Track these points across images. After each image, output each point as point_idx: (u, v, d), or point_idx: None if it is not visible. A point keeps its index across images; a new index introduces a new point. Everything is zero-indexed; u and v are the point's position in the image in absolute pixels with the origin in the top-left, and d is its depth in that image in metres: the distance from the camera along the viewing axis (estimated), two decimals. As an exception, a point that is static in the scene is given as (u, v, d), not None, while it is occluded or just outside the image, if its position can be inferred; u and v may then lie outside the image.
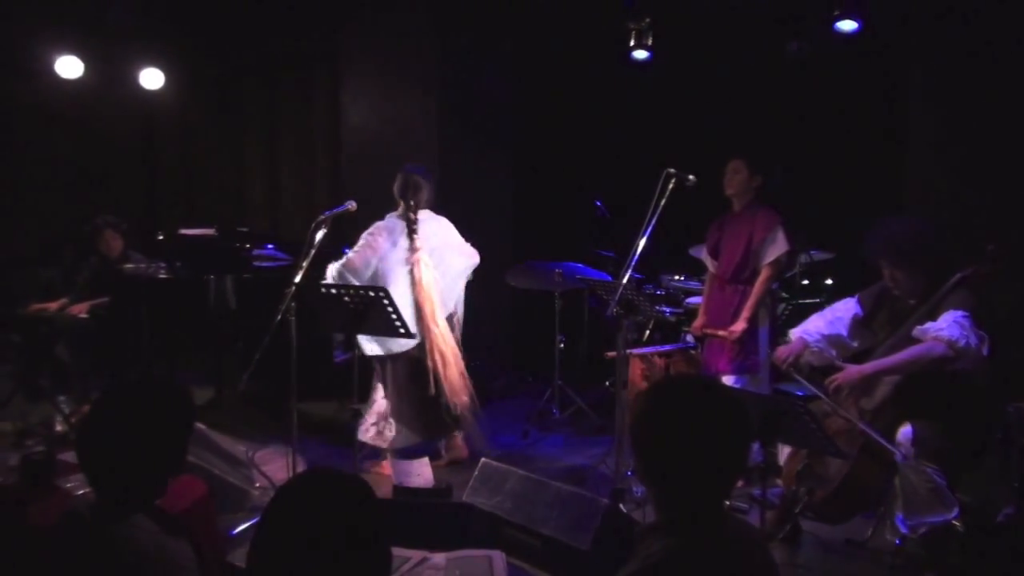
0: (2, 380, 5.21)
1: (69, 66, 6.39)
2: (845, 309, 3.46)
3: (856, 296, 3.48)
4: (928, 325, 3.05)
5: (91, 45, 6.49)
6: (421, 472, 4.00)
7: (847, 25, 4.87)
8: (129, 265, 5.34)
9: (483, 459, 3.50)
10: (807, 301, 5.06)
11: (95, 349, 5.23)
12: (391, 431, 4.12)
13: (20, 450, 4.30)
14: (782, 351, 3.45)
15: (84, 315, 5.20)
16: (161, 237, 6.10)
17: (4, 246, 6.77)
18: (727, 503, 1.77)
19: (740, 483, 4.09)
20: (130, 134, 7.81)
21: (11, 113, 6.81)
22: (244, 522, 3.58)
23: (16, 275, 6.45)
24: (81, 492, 2.94)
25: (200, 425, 3.71)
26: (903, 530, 3.11)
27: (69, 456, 3.22)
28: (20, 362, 5.32)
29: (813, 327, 3.45)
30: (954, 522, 3.09)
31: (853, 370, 3.19)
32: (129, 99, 7.13)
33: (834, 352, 3.42)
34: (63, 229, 6.77)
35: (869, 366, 3.18)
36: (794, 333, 3.50)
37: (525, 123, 6.85)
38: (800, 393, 4.33)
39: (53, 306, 5.32)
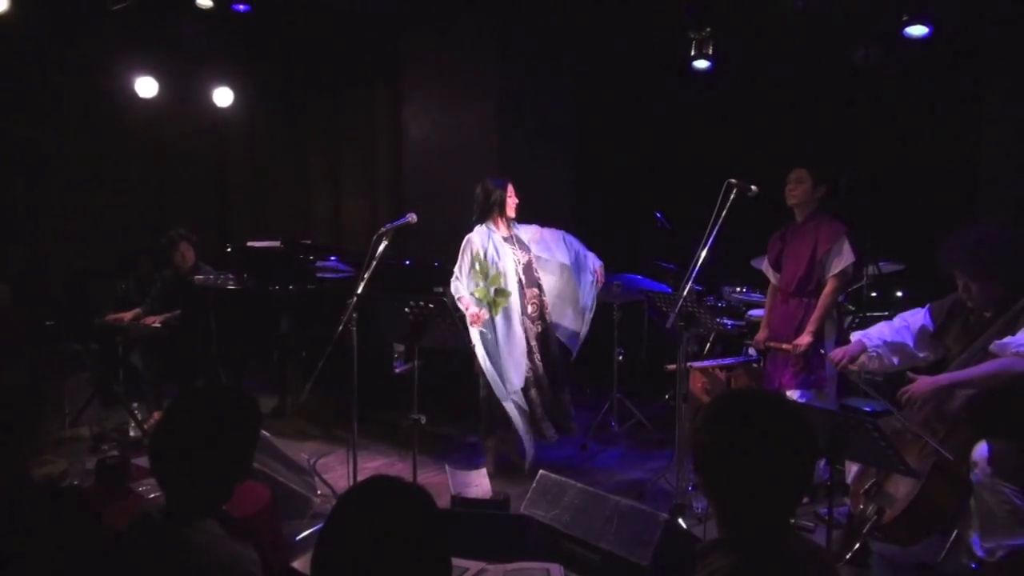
0: (80, 387, 5.43)
1: (145, 86, 6.67)
2: (914, 319, 3.36)
3: (927, 307, 3.37)
4: (1008, 340, 2.93)
5: (166, 66, 6.76)
6: (479, 483, 4.02)
7: (917, 30, 4.73)
8: (199, 276, 5.51)
9: (541, 471, 3.49)
10: (875, 314, 4.90)
11: (167, 358, 5.42)
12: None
13: (96, 454, 4.48)
14: (838, 351, 3.45)
15: (157, 325, 5.39)
16: (230, 249, 6.30)
17: (83, 258, 7.08)
18: (792, 521, 1.72)
19: (806, 501, 3.98)
20: (201, 150, 8.10)
21: (91, 131, 7.13)
22: (307, 529, 3.65)
23: (94, 286, 6.73)
24: (153, 496, 3.04)
25: (265, 432, 3.80)
26: (979, 553, 2.97)
27: (142, 461, 3.34)
28: (97, 370, 5.53)
29: (876, 332, 3.40)
30: (1035, 546, 2.94)
31: (925, 381, 3.08)
32: (201, 116, 7.41)
33: (896, 360, 3.35)
34: (138, 242, 7.05)
35: (943, 378, 3.07)
36: (855, 335, 3.47)
37: (585, 134, 6.84)
38: (869, 409, 4.21)
39: (127, 316, 5.53)
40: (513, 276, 4.44)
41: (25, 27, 5.93)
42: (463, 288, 4.42)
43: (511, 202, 4.54)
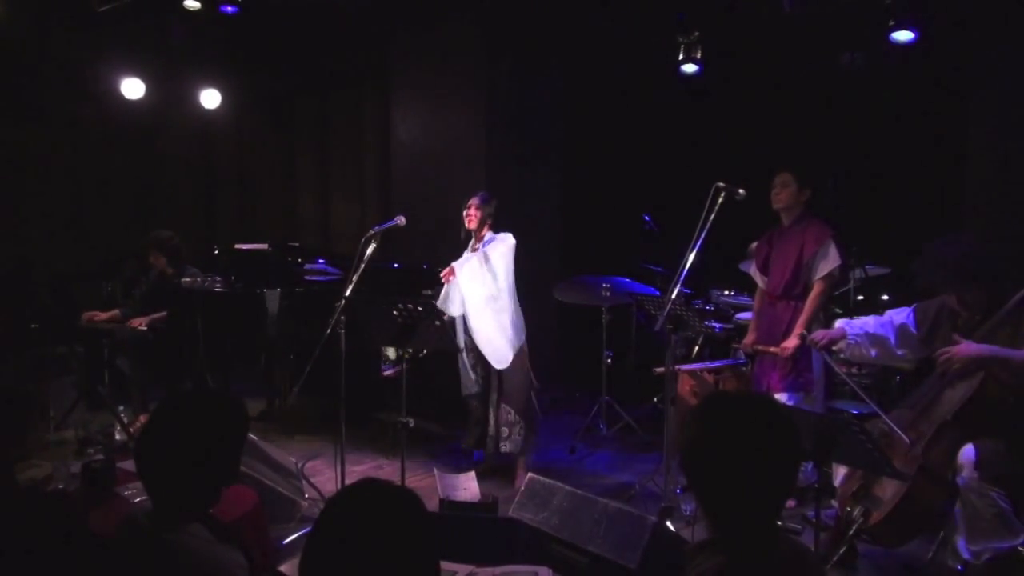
0: (65, 390, 5.38)
1: (132, 87, 6.64)
2: (898, 316, 3.42)
3: (913, 307, 3.40)
4: None
5: (153, 67, 6.72)
6: (468, 486, 4.01)
7: (903, 35, 4.77)
8: (186, 279, 5.47)
9: (530, 474, 3.49)
10: (862, 317, 4.94)
11: (153, 361, 5.38)
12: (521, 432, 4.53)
13: (81, 458, 4.43)
14: (820, 332, 3.55)
15: (143, 328, 5.35)
16: (217, 251, 6.26)
17: (69, 260, 7.02)
18: (780, 523, 1.73)
19: (793, 504, 4.00)
20: (189, 152, 8.06)
21: (77, 133, 7.08)
22: (293, 532, 3.63)
23: (80, 288, 6.68)
24: (139, 500, 3.02)
25: (252, 436, 3.78)
26: (965, 556, 3.00)
27: (128, 464, 3.31)
28: (83, 373, 5.49)
29: (860, 322, 3.48)
30: (1020, 548, 2.96)
31: (971, 346, 3.02)
32: (188, 118, 7.37)
33: (874, 352, 3.43)
34: (124, 244, 7.01)
35: (987, 348, 3.00)
36: (840, 322, 3.56)
37: (573, 137, 6.86)
38: (856, 411, 4.23)
39: (102, 316, 5.48)
40: (457, 289, 4.49)
41: (11, 27, 5.89)
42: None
43: (465, 214, 4.50)
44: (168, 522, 1.71)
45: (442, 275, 4.53)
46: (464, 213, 4.52)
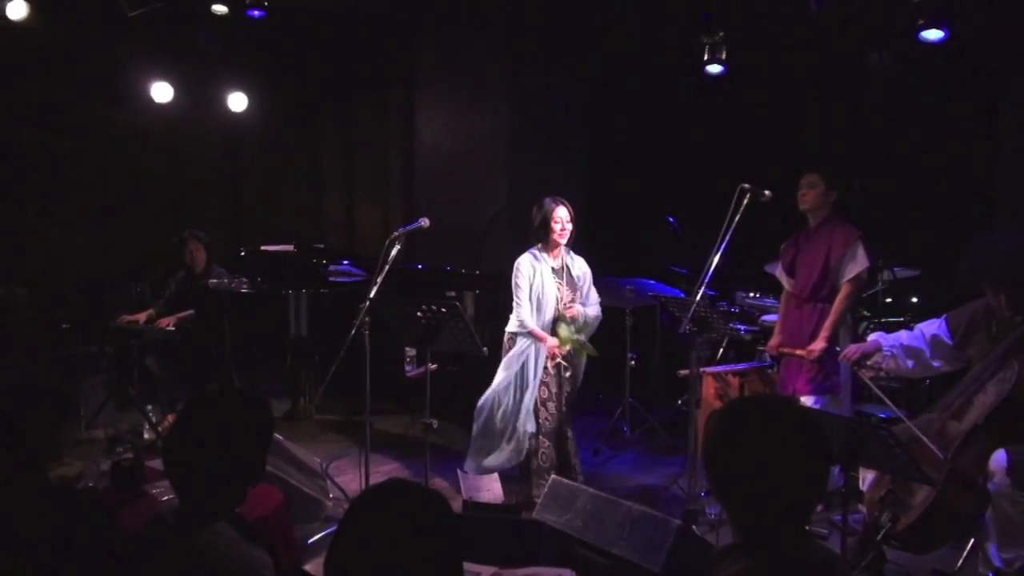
0: (95, 389, 5.47)
1: (161, 91, 6.73)
2: (929, 328, 3.37)
3: (944, 317, 3.34)
4: None
5: (181, 71, 6.82)
6: (491, 488, 4.01)
7: (933, 34, 4.70)
8: (213, 280, 5.54)
9: (553, 476, 3.48)
10: (891, 320, 4.87)
11: (181, 361, 5.45)
12: None
13: (111, 456, 4.49)
14: (852, 347, 3.49)
15: (171, 328, 5.42)
16: (243, 253, 6.33)
17: (99, 261, 7.13)
18: (807, 528, 1.71)
19: (820, 508, 3.95)
20: (216, 155, 8.15)
21: (107, 136, 7.19)
22: (319, 532, 3.66)
23: (110, 289, 6.78)
24: (167, 498, 3.05)
25: (277, 436, 3.81)
26: (997, 563, 2.94)
27: (156, 463, 3.35)
28: (112, 372, 5.57)
29: (894, 336, 3.44)
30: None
31: None
32: (216, 121, 7.46)
33: (911, 364, 3.39)
34: (153, 245, 7.11)
35: None
36: (873, 336, 3.52)
37: (596, 139, 6.84)
38: (884, 415, 4.18)
39: (141, 317, 5.56)
40: (551, 313, 4.20)
41: (43, 33, 5.99)
42: (528, 318, 4.15)
43: (555, 227, 4.13)
44: (195, 520, 1.73)
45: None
46: (556, 227, 4.13)
